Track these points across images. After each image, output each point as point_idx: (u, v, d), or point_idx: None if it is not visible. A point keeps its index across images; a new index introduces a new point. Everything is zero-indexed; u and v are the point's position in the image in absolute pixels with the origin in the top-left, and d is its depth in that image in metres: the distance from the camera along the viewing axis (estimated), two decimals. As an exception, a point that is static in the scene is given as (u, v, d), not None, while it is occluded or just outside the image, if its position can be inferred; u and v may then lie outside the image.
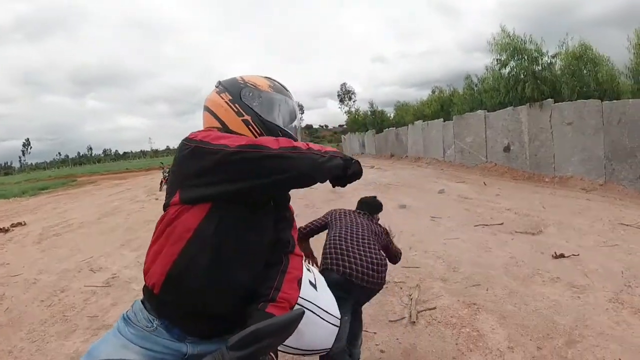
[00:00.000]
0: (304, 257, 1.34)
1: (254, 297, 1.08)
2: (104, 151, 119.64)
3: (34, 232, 8.00)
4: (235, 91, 1.23)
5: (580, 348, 2.58)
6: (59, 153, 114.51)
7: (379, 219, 2.64)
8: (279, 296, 1.08)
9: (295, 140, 1.24)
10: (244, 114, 1.20)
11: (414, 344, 2.76)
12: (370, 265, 2.09)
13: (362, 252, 2.14)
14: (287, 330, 0.88)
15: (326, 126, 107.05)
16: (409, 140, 20.54)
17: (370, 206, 2.66)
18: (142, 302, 1.08)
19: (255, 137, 1.17)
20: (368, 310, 2.92)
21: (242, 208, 1.06)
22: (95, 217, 9.40)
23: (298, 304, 1.28)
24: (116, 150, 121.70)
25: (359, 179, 1.15)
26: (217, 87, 1.29)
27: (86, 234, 7.51)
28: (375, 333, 2.92)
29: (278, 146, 0.98)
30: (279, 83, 1.32)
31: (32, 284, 4.60)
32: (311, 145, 1.05)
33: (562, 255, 4.27)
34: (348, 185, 1.14)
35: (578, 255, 4.28)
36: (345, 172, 1.08)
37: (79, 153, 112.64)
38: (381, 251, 2.26)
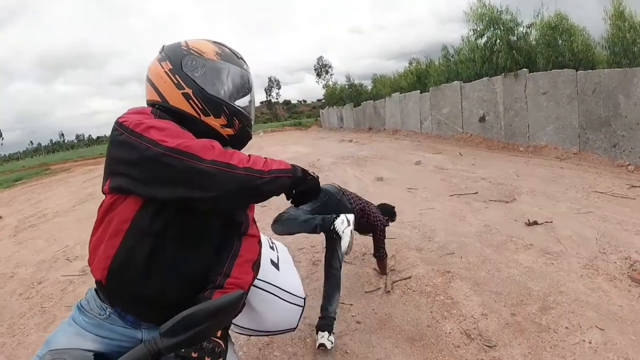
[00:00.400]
0: (260, 237, 1.26)
1: (205, 284, 1.05)
2: (77, 137, 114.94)
3: (10, 225, 7.77)
4: (177, 59, 1.08)
5: (555, 314, 2.59)
6: (31, 142, 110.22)
7: (387, 219, 3.19)
8: (227, 282, 1.04)
9: (248, 118, 1.15)
10: (184, 86, 1.06)
11: (390, 313, 2.80)
12: (360, 202, 2.82)
13: (357, 196, 2.89)
14: (225, 313, 0.84)
15: (304, 101, 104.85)
16: (386, 113, 20.47)
17: (386, 209, 3.26)
18: (96, 290, 1.05)
19: (198, 114, 1.07)
20: (345, 282, 2.94)
21: None
22: (70, 205, 9.16)
23: (256, 286, 1.25)
24: (89, 135, 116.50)
25: (316, 197, 1.09)
26: (159, 53, 1.14)
27: (61, 223, 7.34)
28: (351, 305, 2.95)
29: (211, 158, 0.88)
30: (229, 49, 1.17)
31: (10, 278, 4.50)
32: (254, 160, 0.94)
33: (535, 223, 4.30)
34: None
35: (551, 222, 4.31)
36: (296, 189, 1.04)
37: (51, 140, 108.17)
38: (366, 214, 2.85)
